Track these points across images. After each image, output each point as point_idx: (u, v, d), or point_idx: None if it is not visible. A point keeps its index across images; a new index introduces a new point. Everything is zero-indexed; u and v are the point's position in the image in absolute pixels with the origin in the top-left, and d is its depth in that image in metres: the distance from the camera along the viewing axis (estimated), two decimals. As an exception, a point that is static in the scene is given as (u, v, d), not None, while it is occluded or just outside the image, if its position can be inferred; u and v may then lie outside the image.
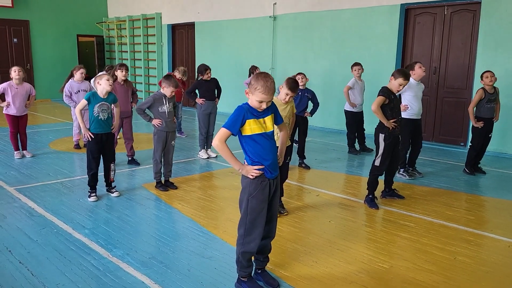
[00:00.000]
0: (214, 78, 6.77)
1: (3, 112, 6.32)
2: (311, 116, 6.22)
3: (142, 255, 3.40)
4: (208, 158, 6.70)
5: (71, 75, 6.94)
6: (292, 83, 3.88)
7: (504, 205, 4.86)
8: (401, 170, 5.84)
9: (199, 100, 6.57)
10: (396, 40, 8.22)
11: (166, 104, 5.07)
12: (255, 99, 2.68)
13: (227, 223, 4.09)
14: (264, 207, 2.80)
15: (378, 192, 4.88)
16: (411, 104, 5.58)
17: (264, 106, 2.70)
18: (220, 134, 2.73)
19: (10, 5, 13.00)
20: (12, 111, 6.28)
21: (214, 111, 6.72)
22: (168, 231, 3.91)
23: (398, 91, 4.62)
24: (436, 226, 4.17)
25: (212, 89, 6.70)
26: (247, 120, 2.71)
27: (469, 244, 3.74)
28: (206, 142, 6.77)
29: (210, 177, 5.88)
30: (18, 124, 6.39)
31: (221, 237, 3.79)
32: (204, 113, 6.65)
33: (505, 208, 4.74)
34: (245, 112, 2.71)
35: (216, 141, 2.75)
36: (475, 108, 5.88)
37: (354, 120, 7.22)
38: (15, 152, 6.49)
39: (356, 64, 7.12)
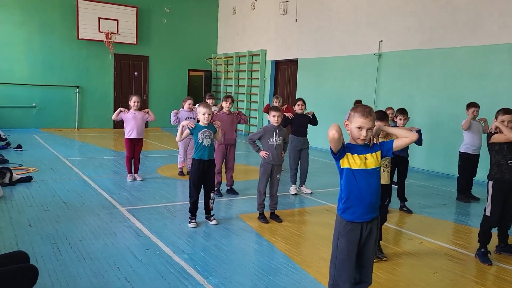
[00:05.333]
0: (305, 115, 6.72)
1: (124, 137, 6.99)
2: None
3: (236, 286, 3.44)
4: (296, 194, 6.64)
5: (182, 106, 7.56)
6: (378, 114, 3.72)
7: None
8: (519, 223, 5.23)
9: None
10: (516, 80, 7.55)
11: (275, 136, 5.19)
12: (354, 126, 2.67)
13: (321, 263, 3.99)
14: (354, 249, 2.70)
15: (492, 246, 4.40)
16: None
17: (364, 133, 2.63)
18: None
19: (135, 42, 14.55)
20: (133, 134, 6.90)
21: (305, 146, 6.67)
22: (262, 265, 3.91)
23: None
24: None
25: (305, 125, 6.70)
26: (347, 153, 2.69)
27: None
28: (300, 178, 6.74)
29: (304, 213, 5.82)
30: (134, 150, 7.01)
31: (314, 276, 3.70)
32: (294, 149, 6.65)
33: None
34: (348, 145, 2.71)
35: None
36: None
37: (468, 163, 6.66)
38: (128, 175, 7.08)
39: (472, 104, 6.60)
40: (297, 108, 6.70)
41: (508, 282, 3.78)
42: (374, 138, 2.78)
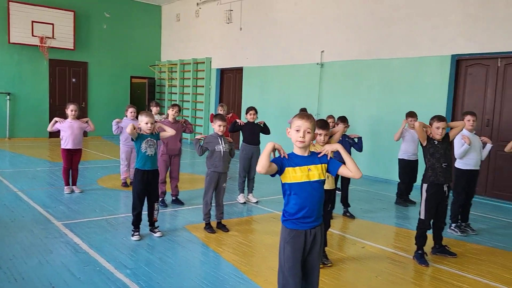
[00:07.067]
0: (257, 123, 6.73)
1: (61, 147, 6.61)
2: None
3: (181, 300, 3.34)
4: (244, 203, 6.64)
5: (125, 115, 7.34)
6: (319, 122, 3.88)
7: None
8: (452, 225, 5.55)
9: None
10: (446, 90, 8.04)
11: (221, 144, 5.13)
12: (293, 128, 2.70)
13: (268, 272, 3.97)
14: (300, 256, 2.71)
15: (428, 248, 4.62)
16: (467, 154, 5.42)
17: (301, 134, 2.65)
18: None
19: (72, 47, 13.93)
20: (69, 144, 6.56)
21: (256, 155, 6.69)
22: (208, 277, 3.83)
23: (441, 135, 4.48)
24: (493, 290, 3.86)
25: (256, 133, 6.72)
26: (286, 168, 2.68)
27: (532, 314, 3.42)
28: (248, 186, 6.74)
29: (251, 221, 5.81)
30: (72, 160, 6.66)
31: (262, 286, 3.68)
32: (245, 157, 6.64)
33: None
34: (284, 160, 2.70)
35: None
36: None
37: (406, 169, 6.99)
38: (65, 187, 6.71)
39: (407, 114, 6.99)
40: (249, 117, 6.70)
41: (443, 282, 3.97)
42: (330, 153, 2.80)
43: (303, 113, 2.74)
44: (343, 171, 2.76)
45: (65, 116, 6.71)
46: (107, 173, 8.47)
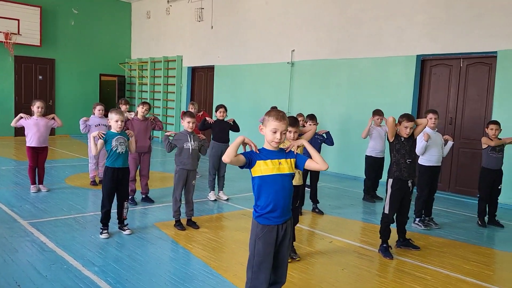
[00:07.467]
0: (226, 121, 6.78)
1: (26, 145, 6.45)
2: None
3: (150, 296, 3.35)
4: (215, 200, 6.67)
5: (93, 113, 7.22)
6: (289, 119, 3.96)
7: (524, 261, 4.69)
8: (416, 219, 5.74)
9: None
10: (412, 89, 8.30)
11: (190, 141, 5.13)
12: (269, 129, 2.75)
13: (237, 267, 4.03)
14: (271, 250, 2.77)
15: (393, 242, 4.78)
16: (429, 151, 5.61)
17: (278, 136, 2.73)
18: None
19: (38, 44, 13.57)
20: (34, 142, 6.41)
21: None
22: (178, 272, 3.85)
23: (408, 134, 4.63)
24: (453, 280, 4.03)
25: (226, 131, 6.76)
26: (257, 161, 2.76)
27: (488, 301, 3.60)
28: (218, 184, 6.77)
29: (221, 218, 5.84)
30: (38, 159, 6.51)
31: (231, 280, 3.72)
32: (215, 154, 6.67)
33: (525, 264, 4.58)
34: (254, 154, 2.77)
35: None
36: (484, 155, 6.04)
37: (373, 166, 7.18)
38: (31, 186, 6.57)
39: (374, 113, 7.18)
40: (218, 115, 6.73)
41: (407, 273, 4.13)
42: (295, 148, 2.89)
43: (278, 113, 2.76)
44: (309, 164, 2.85)
45: (31, 114, 6.55)
46: (75, 171, 8.32)
